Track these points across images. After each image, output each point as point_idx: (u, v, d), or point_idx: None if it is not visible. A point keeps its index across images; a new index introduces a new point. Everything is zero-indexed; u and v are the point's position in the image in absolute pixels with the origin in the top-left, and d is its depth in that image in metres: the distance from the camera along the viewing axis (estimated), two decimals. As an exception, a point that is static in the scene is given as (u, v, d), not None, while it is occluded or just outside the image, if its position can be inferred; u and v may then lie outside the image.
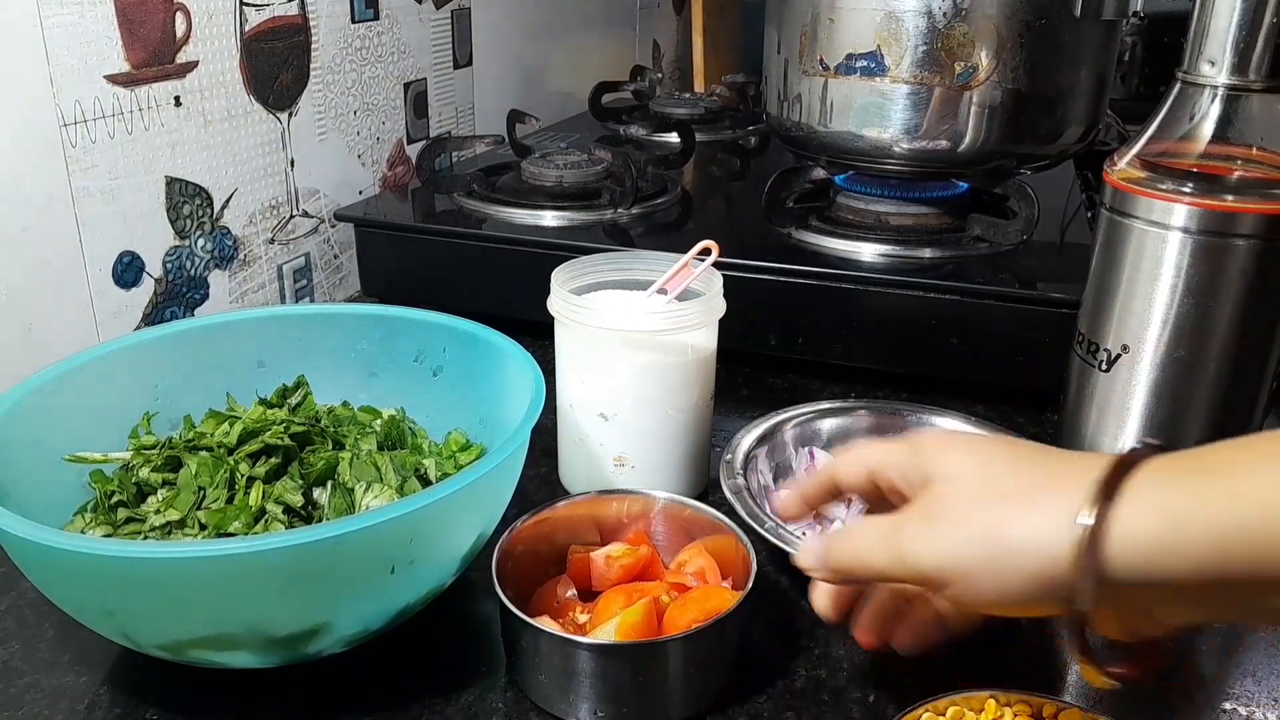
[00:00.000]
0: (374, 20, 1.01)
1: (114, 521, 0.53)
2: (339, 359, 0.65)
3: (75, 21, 0.69)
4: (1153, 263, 0.57)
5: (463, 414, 0.62)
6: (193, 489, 0.52)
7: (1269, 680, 0.50)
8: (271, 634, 0.45)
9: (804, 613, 0.54)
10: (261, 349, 0.64)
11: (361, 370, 0.65)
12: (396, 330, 0.65)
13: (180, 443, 0.56)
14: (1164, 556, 0.32)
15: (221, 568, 0.41)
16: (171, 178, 0.79)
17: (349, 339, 0.65)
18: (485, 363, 0.61)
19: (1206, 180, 0.55)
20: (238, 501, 0.51)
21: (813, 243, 0.85)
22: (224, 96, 0.83)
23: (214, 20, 0.81)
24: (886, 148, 0.82)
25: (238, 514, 0.50)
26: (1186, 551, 0.31)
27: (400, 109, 1.08)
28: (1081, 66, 0.80)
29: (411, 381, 0.64)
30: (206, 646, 0.45)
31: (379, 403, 0.64)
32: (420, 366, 0.65)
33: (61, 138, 0.70)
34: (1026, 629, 0.54)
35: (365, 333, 0.65)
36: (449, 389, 0.63)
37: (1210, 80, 0.55)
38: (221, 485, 0.52)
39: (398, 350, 0.65)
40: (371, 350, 0.65)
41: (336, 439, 0.57)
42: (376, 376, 0.65)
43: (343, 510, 0.53)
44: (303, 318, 0.65)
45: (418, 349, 0.65)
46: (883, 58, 0.79)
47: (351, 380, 0.65)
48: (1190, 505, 0.31)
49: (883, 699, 0.48)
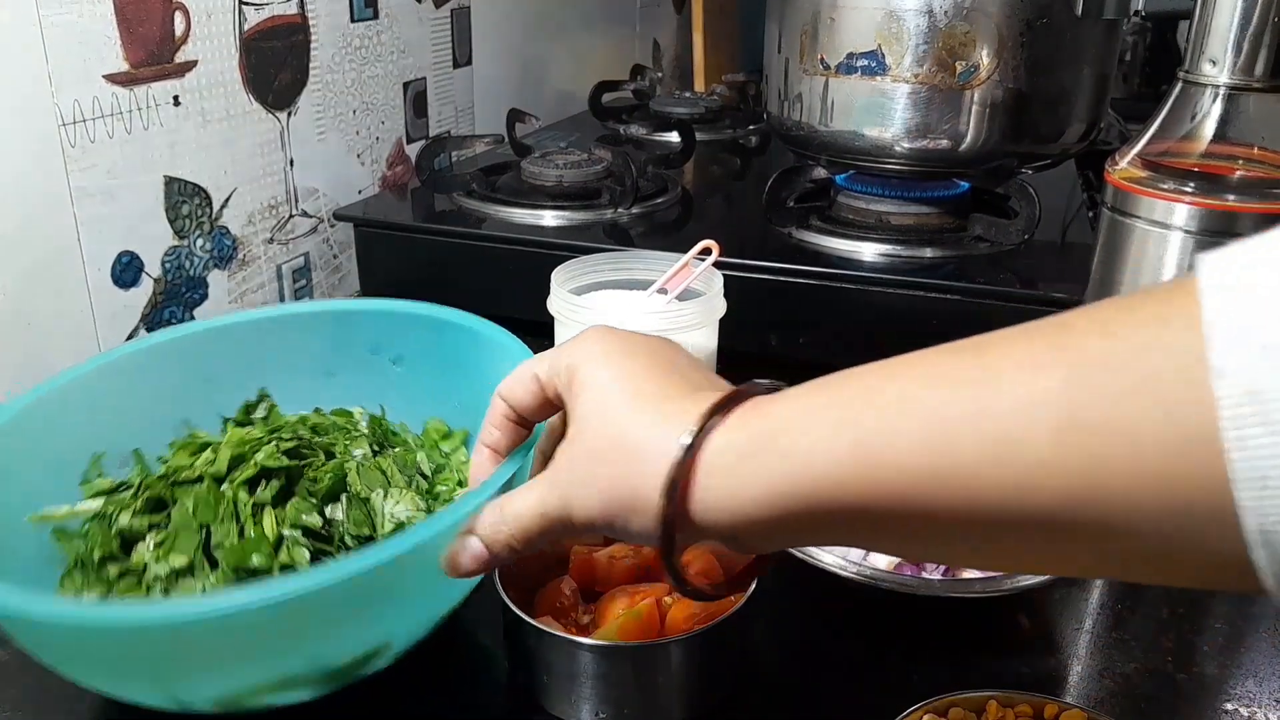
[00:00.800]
0: (373, 19, 1.01)
1: (107, 579, 0.48)
2: (291, 363, 0.61)
3: (74, 21, 0.69)
4: (1154, 262, 0.57)
5: (435, 401, 0.59)
6: (193, 528, 0.47)
7: (1271, 681, 0.50)
8: (335, 665, 0.42)
9: (806, 613, 0.54)
10: (207, 366, 0.59)
11: (317, 372, 0.61)
12: (347, 324, 0.61)
13: (156, 481, 0.51)
14: (733, 510, 0.32)
15: (287, 608, 0.37)
16: (170, 177, 0.79)
17: (299, 340, 0.61)
18: (451, 344, 0.58)
19: (1208, 180, 0.55)
20: (252, 533, 0.47)
21: (813, 242, 0.85)
22: (223, 96, 0.83)
23: (213, 19, 0.81)
24: (887, 147, 0.82)
25: (256, 545, 0.46)
26: (750, 507, 0.32)
27: (400, 108, 1.08)
28: (1083, 65, 0.80)
29: (372, 375, 0.61)
30: (265, 692, 0.42)
31: (340, 403, 0.60)
32: (378, 358, 0.61)
33: (60, 137, 0.69)
34: (1027, 629, 0.54)
35: (314, 332, 0.61)
36: (415, 378, 0.60)
37: (1212, 80, 0.55)
38: (227, 519, 0.48)
39: (352, 344, 0.61)
40: (324, 349, 0.61)
41: (327, 449, 0.54)
42: (334, 376, 0.61)
43: (363, 523, 0.50)
44: (247, 325, 0.60)
45: (373, 340, 0.61)
46: (884, 57, 0.79)
47: (308, 384, 0.61)
48: (750, 465, 0.32)
49: (883, 700, 0.48)
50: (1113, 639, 0.53)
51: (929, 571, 0.55)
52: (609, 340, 0.38)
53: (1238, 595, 0.57)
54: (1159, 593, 0.57)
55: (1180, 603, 0.57)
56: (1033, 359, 0.27)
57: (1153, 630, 0.54)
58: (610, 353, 0.38)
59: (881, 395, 0.30)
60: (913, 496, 0.28)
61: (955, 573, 0.55)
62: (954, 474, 0.27)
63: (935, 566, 0.55)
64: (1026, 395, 0.26)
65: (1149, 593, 0.57)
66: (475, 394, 0.55)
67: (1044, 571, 0.48)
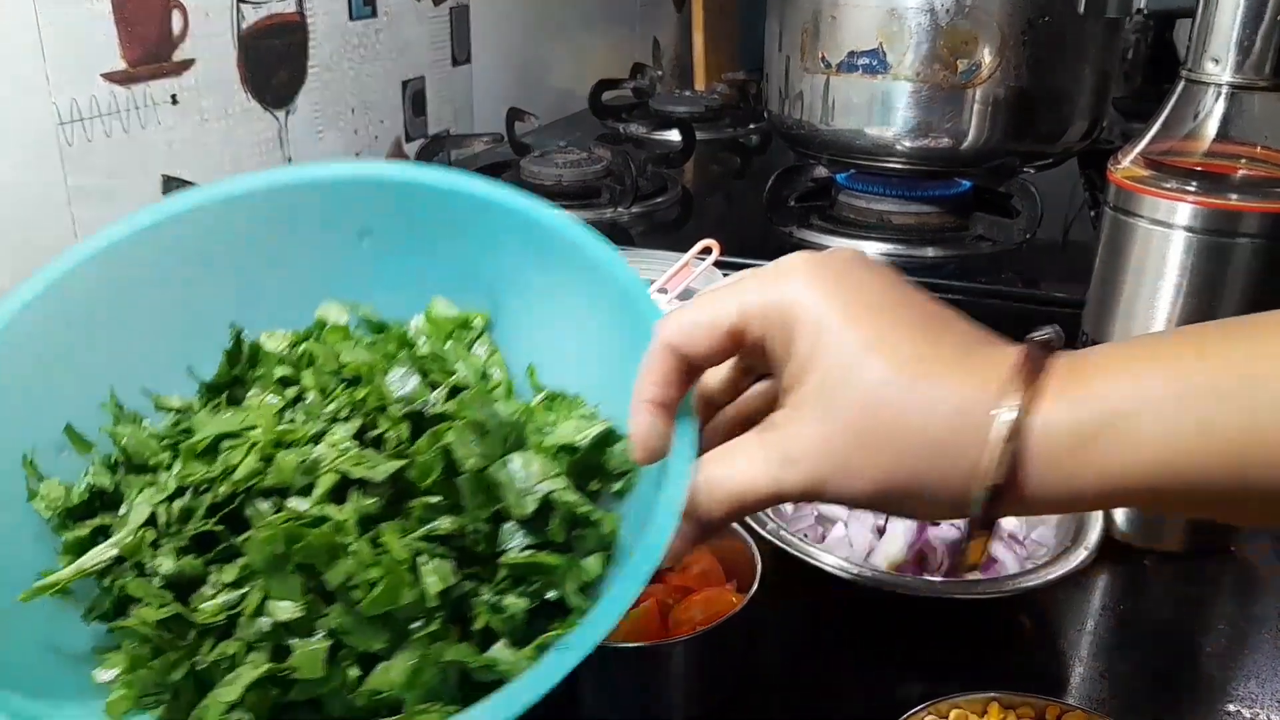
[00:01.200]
0: (372, 17, 1.01)
1: (194, 649, 0.36)
2: (220, 267, 0.45)
3: (72, 20, 0.69)
4: (1157, 262, 0.57)
5: (428, 280, 0.46)
6: (288, 568, 0.35)
7: (1273, 682, 0.50)
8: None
9: (806, 614, 0.54)
10: (116, 298, 0.44)
11: (260, 267, 0.46)
12: (288, 202, 0.45)
13: (189, 508, 0.38)
14: (1065, 489, 0.30)
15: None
16: (168, 176, 0.79)
17: (226, 237, 0.45)
18: (442, 216, 0.45)
19: (1210, 179, 0.55)
20: (373, 559, 0.35)
21: (815, 241, 0.85)
22: (221, 94, 0.83)
23: (211, 18, 0.80)
24: (889, 146, 0.82)
25: (401, 582, 0.35)
26: (1087, 488, 0.30)
27: (398, 107, 1.08)
28: (1085, 64, 0.80)
29: (331, 258, 0.46)
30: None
31: (292, 302, 0.46)
32: (336, 235, 0.46)
33: (58, 136, 0.69)
34: (1029, 630, 0.54)
35: (245, 221, 0.45)
36: (391, 253, 0.46)
37: (1214, 78, 0.55)
38: (337, 551, 0.35)
39: (298, 227, 0.46)
40: (262, 239, 0.46)
41: (376, 407, 0.40)
42: (276, 268, 0.46)
43: (485, 503, 0.38)
44: (149, 233, 0.45)
45: (322, 217, 0.45)
46: (885, 55, 0.79)
47: (252, 284, 0.46)
48: (1091, 450, 0.29)
49: (885, 701, 0.48)
50: (1114, 640, 0.53)
51: (930, 572, 0.55)
52: (829, 277, 0.32)
53: (1240, 595, 0.57)
54: (1161, 594, 0.57)
55: (1183, 604, 0.56)
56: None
57: (1155, 631, 0.54)
58: (839, 294, 0.32)
59: (1244, 380, 0.28)
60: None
61: (956, 573, 0.55)
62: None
63: (937, 566, 0.55)
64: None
65: (1151, 594, 0.57)
66: (485, 261, 0.45)
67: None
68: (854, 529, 0.57)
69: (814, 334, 0.31)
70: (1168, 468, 0.29)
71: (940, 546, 0.56)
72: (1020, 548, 0.57)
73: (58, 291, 0.44)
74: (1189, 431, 0.29)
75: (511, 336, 0.46)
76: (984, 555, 0.35)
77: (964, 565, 0.35)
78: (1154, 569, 0.58)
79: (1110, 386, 0.30)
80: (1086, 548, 0.52)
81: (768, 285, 0.33)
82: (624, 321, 0.40)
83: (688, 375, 0.35)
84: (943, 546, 0.56)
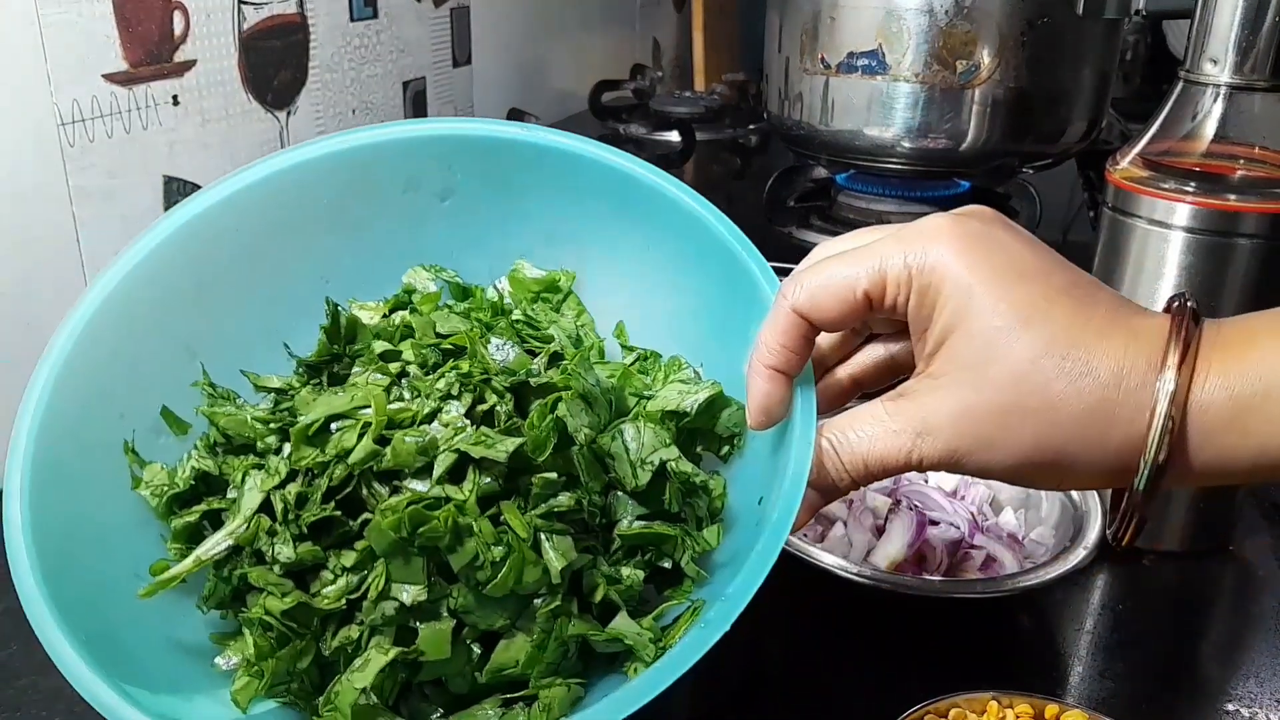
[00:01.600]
0: (373, 18, 1.01)
1: (318, 635, 0.36)
2: (304, 235, 0.45)
3: (73, 20, 0.69)
4: (1155, 262, 0.57)
5: (510, 240, 0.45)
6: (413, 552, 0.35)
7: (1272, 682, 0.50)
8: None
9: (806, 613, 0.54)
10: (197, 270, 0.43)
11: (343, 232, 0.45)
12: (367, 162, 0.45)
13: (296, 490, 0.37)
14: (1227, 463, 0.30)
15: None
16: (170, 177, 0.79)
17: (305, 204, 0.45)
18: (524, 173, 0.44)
19: (1209, 179, 0.55)
20: (494, 540, 0.35)
21: (814, 242, 0.84)
22: (222, 95, 0.83)
23: (212, 19, 0.80)
24: (888, 146, 0.82)
25: (523, 564, 0.35)
26: (1246, 460, 0.30)
27: (399, 108, 1.08)
28: (1084, 65, 0.80)
29: (413, 221, 0.45)
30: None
31: (378, 262, 0.45)
32: (417, 196, 0.45)
33: (59, 137, 0.69)
34: (1028, 630, 0.54)
35: (324, 186, 0.45)
36: (471, 213, 0.45)
37: (1213, 79, 0.55)
38: (464, 534, 0.35)
39: (379, 188, 0.45)
40: (344, 203, 0.45)
41: (481, 379, 0.39)
42: (361, 233, 0.45)
43: (598, 475, 0.38)
44: (226, 204, 0.44)
45: (404, 178, 0.45)
46: (884, 56, 0.79)
47: (337, 250, 0.45)
48: (1247, 421, 0.29)
49: (884, 701, 0.48)
50: (1113, 640, 0.53)
51: (929, 572, 0.55)
52: (976, 242, 0.31)
53: (1239, 595, 0.57)
54: (1160, 594, 0.57)
55: (1182, 603, 0.57)
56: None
57: (1154, 631, 0.54)
58: (987, 260, 0.31)
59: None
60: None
61: (956, 573, 0.55)
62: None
63: (937, 566, 0.55)
64: None
65: (1150, 593, 0.57)
66: (574, 222, 0.43)
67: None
68: (853, 529, 0.57)
69: (963, 301, 0.30)
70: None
71: (940, 546, 0.56)
72: (1019, 547, 0.57)
73: (144, 269, 0.42)
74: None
75: (599, 294, 0.45)
76: (1134, 534, 0.34)
77: (1121, 544, 0.33)
78: (1153, 569, 0.59)
79: (1263, 357, 0.30)
80: (1086, 547, 0.52)
81: (912, 246, 0.32)
82: (727, 278, 0.39)
83: (811, 341, 0.34)
84: (942, 546, 0.56)
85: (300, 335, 0.45)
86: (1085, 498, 0.56)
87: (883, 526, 0.57)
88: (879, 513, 0.58)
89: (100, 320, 0.41)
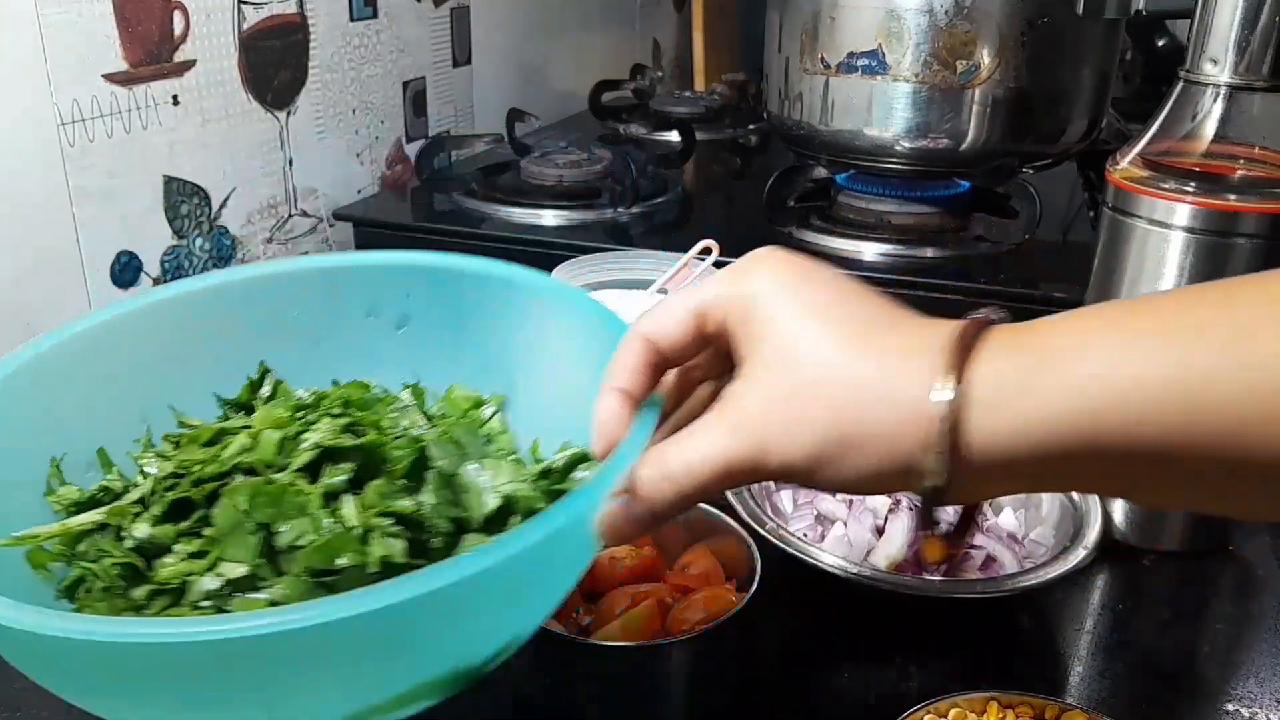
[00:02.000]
0: (372, 18, 1.01)
1: (137, 601, 0.39)
2: (269, 334, 0.51)
3: (73, 20, 0.69)
4: (1155, 262, 0.57)
5: (452, 367, 0.51)
6: (248, 529, 0.38)
7: (1272, 682, 0.50)
8: (471, 665, 0.36)
9: (806, 613, 0.54)
10: (167, 344, 0.49)
11: (302, 340, 0.51)
12: (338, 281, 0.51)
13: (166, 480, 0.42)
14: (1011, 442, 0.30)
15: (441, 598, 0.30)
16: (170, 177, 0.79)
17: (276, 308, 0.51)
18: (471, 299, 0.50)
19: (1209, 179, 0.55)
20: (327, 524, 0.38)
21: (814, 242, 0.85)
22: (222, 95, 0.83)
23: (212, 19, 0.80)
24: (888, 146, 0.82)
25: (344, 543, 0.37)
26: (1037, 437, 0.30)
27: (399, 107, 1.08)
28: (1083, 65, 0.80)
29: (367, 342, 0.51)
30: (393, 707, 0.35)
31: (330, 375, 0.51)
32: (376, 321, 0.51)
33: (59, 137, 0.69)
34: (1028, 630, 0.54)
35: (296, 297, 0.51)
36: (423, 341, 0.51)
37: (1212, 79, 0.55)
38: (294, 513, 0.38)
39: (343, 308, 0.51)
40: (309, 316, 0.51)
41: (374, 425, 0.45)
42: (318, 344, 0.51)
43: (450, 501, 0.41)
44: (211, 293, 0.50)
45: (369, 301, 0.51)
46: (884, 56, 0.79)
47: (294, 357, 0.51)
48: (1037, 386, 0.30)
49: (884, 700, 0.48)
50: (1113, 640, 0.53)
51: (929, 572, 0.55)
52: (784, 267, 0.34)
53: (1238, 595, 0.57)
54: (1160, 593, 0.57)
55: (1181, 603, 0.57)
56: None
57: (1153, 631, 0.54)
58: (790, 281, 0.34)
59: (1201, 326, 0.28)
60: (1235, 438, 0.27)
61: (956, 573, 0.55)
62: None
63: (937, 568, 0.55)
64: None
65: (1150, 593, 0.57)
66: (504, 352, 0.49)
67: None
68: (853, 528, 0.57)
69: (768, 320, 0.33)
70: (1116, 404, 0.29)
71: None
72: (1019, 547, 0.57)
73: (112, 334, 0.47)
74: (1135, 366, 0.28)
75: (534, 412, 0.49)
76: (945, 552, 0.36)
77: (927, 560, 0.35)
78: (1153, 568, 0.59)
79: (1049, 331, 0.31)
80: (1085, 547, 0.52)
81: (735, 278, 0.35)
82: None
83: (657, 368, 0.37)
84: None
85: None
86: (1085, 497, 0.56)
87: (883, 526, 0.57)
88: (879, 513, 0.58)
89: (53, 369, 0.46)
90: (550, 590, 0.37)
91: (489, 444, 0.47)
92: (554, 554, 0.34)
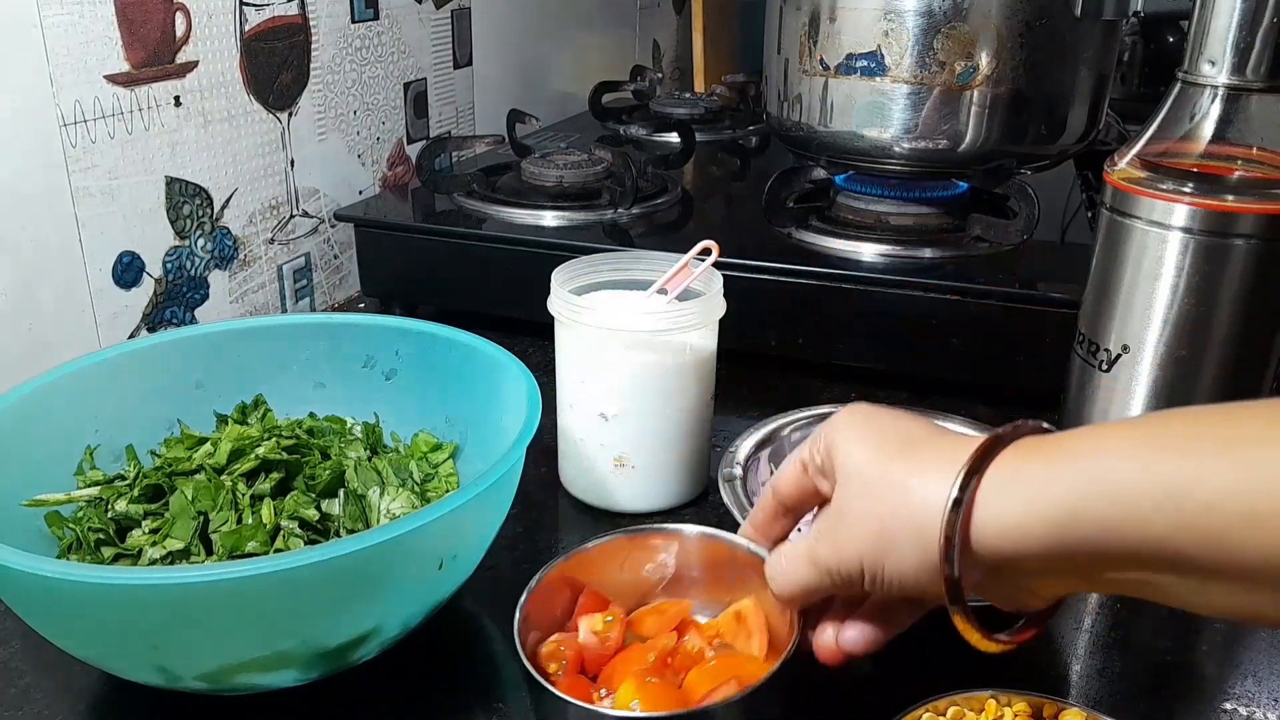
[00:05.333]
0: (374, 20, 1.01)
1: (103, 560, 0.50)
2: (283, 373, 0.63)
3: (75, 21, 0.69)
4: (1153, 263, 0.57)
5: (425, 414, 0.62)
6: (190, 514, 0.50)
7: (1270, 681, 0.50)
8: (325, 646, 0.44)
9: (806, 613, 0.54)
10: (200, 370, 0.61)
11: (307, 382, 0.64)
12: (340, 337, 0.63)
13: (153, 471, 0.54)
14: (1017, 532, 0.34)
15: (288, 580, 0.40)
16: (171, 178, 0.79)
17: (290, 351, 0.63)
18: (444, 360, 0.61)
19: (1207, 180, 0.55)
20: (250, 521, 0.50)
21: (813, 243, 0.85)
22: (224, 96, 0.83)
23: (214, 20, 0.81)
24: (887, 148, 0.82)
25: (253, 533, 0.48)
26: (1035, 528, 0.34)
27: (400, 109, 1.08)
28: (1082, 66, 0.80)
29: (362, 388, 0.63)
30: (255, 669, 0.43)
31: (331, 412, 0.63)
32: (371, 372, 0.63)
33: (61, 137, 0.70)
34: (1027, 629, 0.54)
35: (306, 344, 0.63)
36: (406, 391, 0.63)
37: (1210, 80, 0.55)
38: (226, 507, 0.50)
39: (344, 357, 0.63)
40: (315, 360, 0.63)
41: (323, 450, 0.57)
42: (325, 387, 0.64)
43: (358, 518, 0.52)
44: (240, 333, 0.62)
45: (366, 354, 0.63)
46: (883, 57, 0.79)
47: (297, 393, 0.63)
48: (1039, 485, 0.34)
49: (883, 699, 0.48)
50: (1112, 638, 0.53)
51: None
52: (856, 414, 0.42)
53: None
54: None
55: (1179, 602, 0.57)
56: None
57: (1151, 630, 0.54)
58: (858, 422, 0.41)
59: (1190, 438, 0.32)
60: (1224, 539, 0.30)
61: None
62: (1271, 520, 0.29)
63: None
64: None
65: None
66: (464, 408, 0.60)
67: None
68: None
69: (841, 450, 0.40)
70: (1120, 496, 0.32)
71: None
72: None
73: (155, 353, 0.60)
74: (1132, 467, 0.32)
75: (474, 457, 0.60)
76: (988, 643, 0.40)
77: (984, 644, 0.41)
78: (1151, 568, 0.59)
79: (1070, 437, 0.35)
80: (1084, 546, 0.52)
81: (825, 427, 0.42)
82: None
83: (785, 515, 0.46)
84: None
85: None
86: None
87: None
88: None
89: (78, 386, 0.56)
90: (405, 590, 0.45)
91: (410, 476, 0.57)
92: (394, 558, 0.43)
